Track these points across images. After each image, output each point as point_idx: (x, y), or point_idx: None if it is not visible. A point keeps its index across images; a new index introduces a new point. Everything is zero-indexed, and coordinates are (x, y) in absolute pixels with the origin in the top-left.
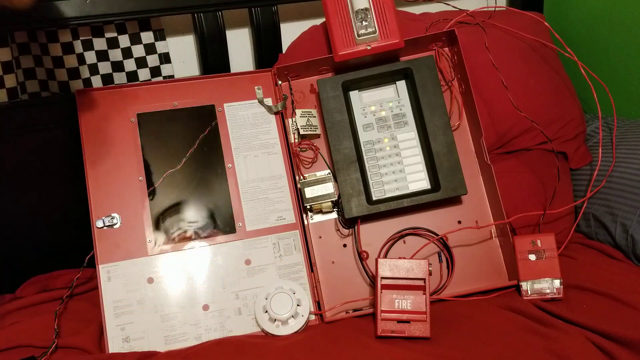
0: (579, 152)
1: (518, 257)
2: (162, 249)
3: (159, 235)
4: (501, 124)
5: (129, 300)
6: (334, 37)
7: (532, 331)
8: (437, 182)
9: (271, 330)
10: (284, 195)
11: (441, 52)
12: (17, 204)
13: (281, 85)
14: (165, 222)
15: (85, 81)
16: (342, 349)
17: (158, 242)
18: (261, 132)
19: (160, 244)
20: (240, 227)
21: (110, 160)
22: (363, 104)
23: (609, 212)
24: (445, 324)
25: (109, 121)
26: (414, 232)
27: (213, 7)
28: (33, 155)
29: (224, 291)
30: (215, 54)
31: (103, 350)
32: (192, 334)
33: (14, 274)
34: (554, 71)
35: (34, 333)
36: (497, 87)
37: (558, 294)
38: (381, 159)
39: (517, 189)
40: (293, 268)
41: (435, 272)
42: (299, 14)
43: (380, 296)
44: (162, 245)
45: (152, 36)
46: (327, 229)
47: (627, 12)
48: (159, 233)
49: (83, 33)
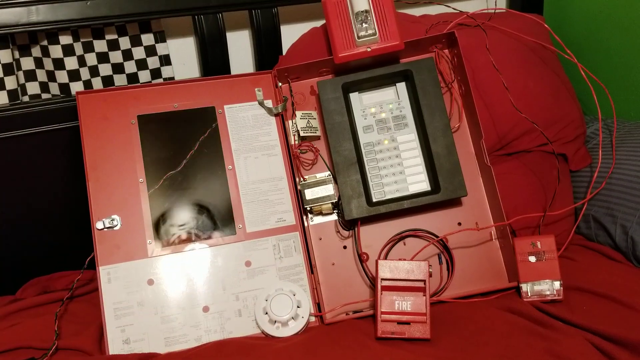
0: (578, 153)
1: (518, 259)
2: (162, 251)
3: (159, 237)
4: (501, 125)
5: (129, 302)
6: (334, 39)
7: (532, 333)
8: (437, 183)
9: (271, 332)
10: (284, 197)
11: (441, 54)
12: (18, 206)
13: (281, 87)
14: (166, 224)
15: (85, 83)
16: (342, 350)
17: (158, 244)
18: (261, 134)
19: (160, 246)
20: (241, 228)
21: (111, 162)
22: (363, 105)
23: (609, 214)
24: (446, 326)
25: (110, 123)
26: (414, 233)
27: (213, 9)
28: (34, 157)
29: (224, 293)
30: (216, 56)
31: (103, 351)
32: (192, 335)
33: (15, 275)
34: (553, 73)
35: (34, 334)
36: (497, 88)
37: (558, 296)
38: (381, 160)
39: (517, 190)
40: (293, 270)
41: (436, 274)
42: (299, 16)
43: (380, 297)
44: (162, 247)
45: (153, 38)
46: (327, 231)
47: (627, 14)
48: (159, 235)
49: (83, 35)
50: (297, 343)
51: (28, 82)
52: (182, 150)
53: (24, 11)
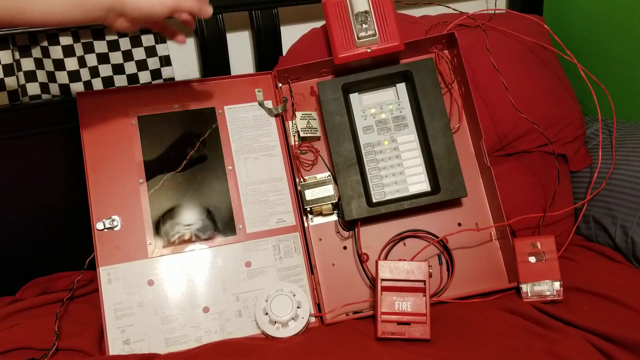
0: (578, 154)
1: (518, 259)
2: (162, 252)
3: (159, 237)
4: (501, 126)
5: (129, 303)
6: (334, 39)
7: (532, 333)
8: (437, 184)
9: (271, 333)
10: (284, 198)
11: (441, 54)
12: (18, 206)
13: (281, 88)
14: (166, 225)
15: (86, 84)
16: (342, 351)
17: (158, 245)
18: (261, 135)
19: (161, 246)
20: (241, 229)
21: (111, 162)
22: (363, 106)
23: (608, 215)
24: (445, 326)
25: (110, 124)
26: (414, 234)
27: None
28: (34, 158)
29: (224, 293)
30: (216, 57)
31: (103, 352)
32: (193, 336)
33: (15, 276)
34: (553, 74)
35: (35, 335)
36: (497, 89)
37: (558, 296)
38: (381, 161)
39: (517, 191)
40: (293, 270)
41: (435, 274)
42: (299, 17)
43: (380, 298)
44: (163, 248)
45: (153, 39)
46: (327, 231)
47: (627, 15)
48: (159, 235)
49: (84, 36)
50: (297, 344)
51: (28, 83)
52: (182, 151)
53: None
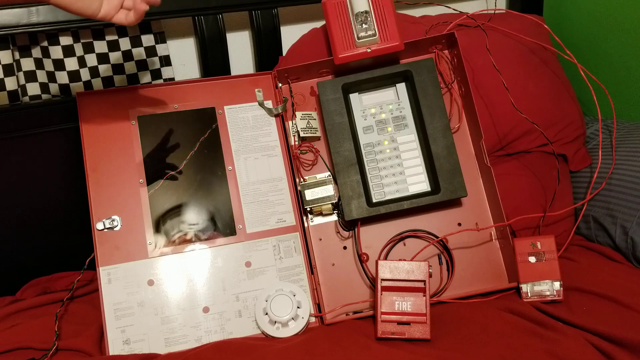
0: (578, 154)
1: (518, 259)
2: (162, 252)
3: (159, 237)
4: (501, 126)
5: (129, 303)
6: (334, 39)
7: (532, 333)
8: (437, 184)
9: (271, 333)
10: (284, 198)
11: (441, 54)
12: (18, 206)
13: (281, 88)
14: (166, 225)
15: (86, 84)
16: (343, 351)
17: (158, 245)
18: (261, 135)
19: (161, 246)
20: (241, 229)
21: (111, 162)
22: (363, 106)
23: (608, 215)
24: (445, 326)
25: (110, 124)
26: (414, 234)
27: (213, 10)
28: (34, 158)
29: (224, 293)
30: (216, 57)
31: (103, 352)
32: (193, 336)
33: (15, 276)
34: (553, 74)
35: (35, 335)
36: (497, 89)
37: (558, 296)
38: (381, 161)
39: (517, 191)
40: (293, 270)
41: (435, 274)
42: (299, 17)
43: (380, 298)
44: (163, 248)
45: (153, 39)
46: (327, 231)
47: (627, 15)
48: (159, 235)
49: (84, 36)
50: (297, 344)
51: (28, 83)
52: (182, 151)
53: (25, 12)
